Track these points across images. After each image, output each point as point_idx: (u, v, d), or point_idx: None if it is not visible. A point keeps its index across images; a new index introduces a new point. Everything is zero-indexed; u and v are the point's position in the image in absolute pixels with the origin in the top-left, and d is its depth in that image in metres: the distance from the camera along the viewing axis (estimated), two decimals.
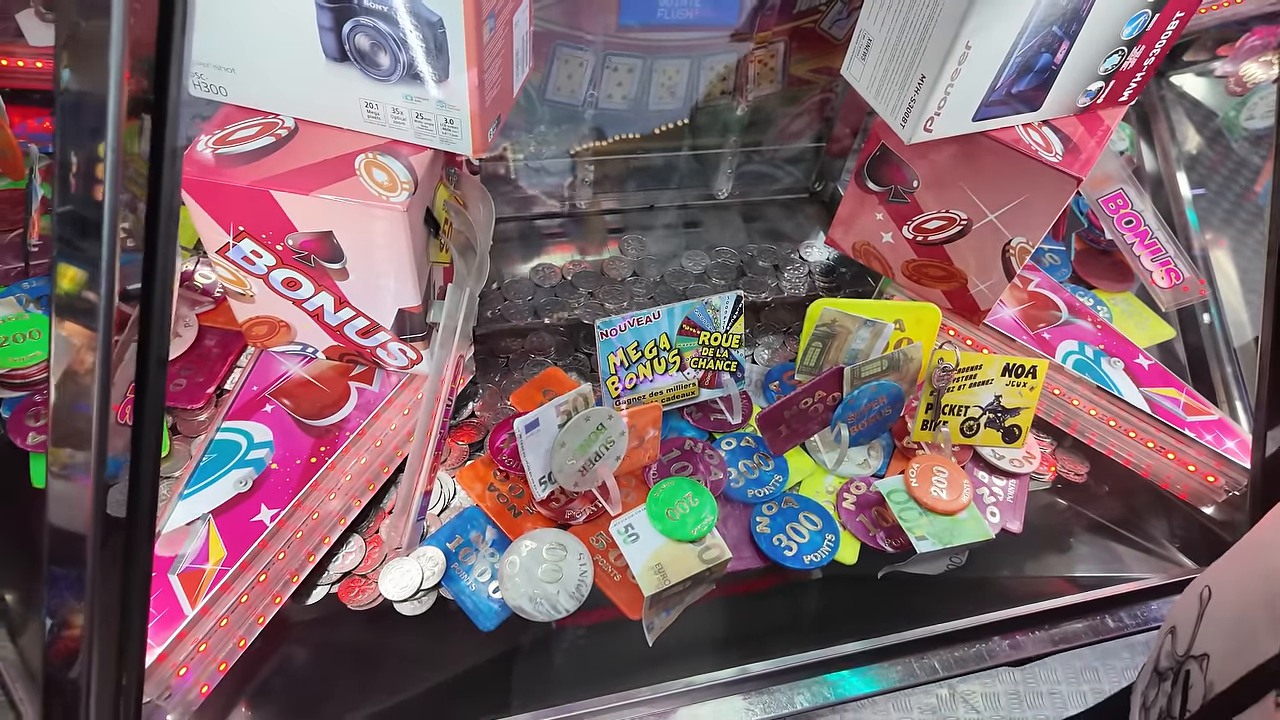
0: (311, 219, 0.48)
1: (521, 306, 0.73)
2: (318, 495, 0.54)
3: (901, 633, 0.57)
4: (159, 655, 0.46)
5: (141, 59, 0.32)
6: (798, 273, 0.79)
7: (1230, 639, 0.40)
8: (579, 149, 0.74)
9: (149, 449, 0.39)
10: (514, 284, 0.75)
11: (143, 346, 0.37)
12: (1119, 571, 0.65)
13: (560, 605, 0.53)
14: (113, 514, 0.38)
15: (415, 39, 0.44)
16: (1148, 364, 0.69)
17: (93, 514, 0.37)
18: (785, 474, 0.63)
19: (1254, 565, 0.41)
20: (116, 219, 0.33)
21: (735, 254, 0.80)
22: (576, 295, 0.75)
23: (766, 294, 0.77)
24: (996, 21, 0.50)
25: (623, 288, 0.76)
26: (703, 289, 0.77)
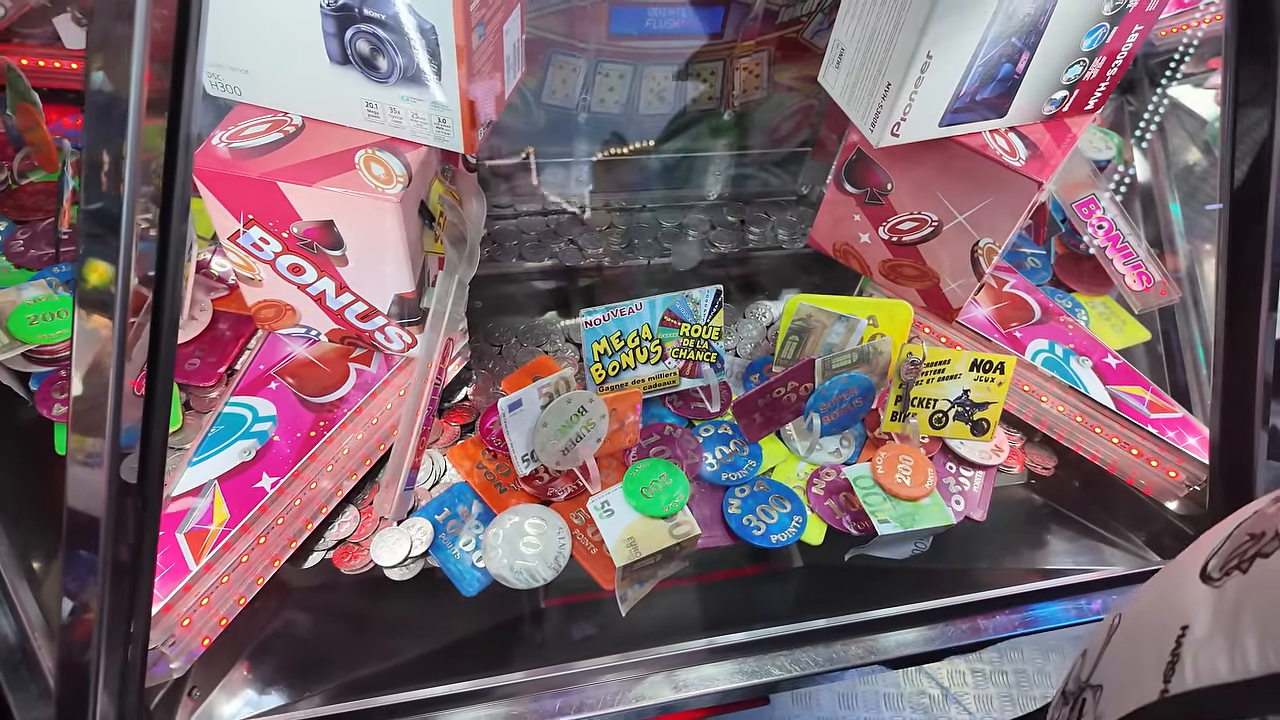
0: (314, 208, 0.52)
1: (509, 250, 0.79)
2: (315, 467, 0.58)
3: (861, 612, 0.60)
4: (164, 605, 0.50)
5: (161, 61, 0.36)
6: (765, 226, 0.85)
7: (1122, 674, 0.39)
8: (573, 151, 0.78)
9: (159, 418, 0.43)
10: (501, 231, 0.81)
11: (155, 323, 0.41)
12: (1083, 563, 0.68)
13: (539, 574, 0.56)
14: (126, 479, 0.42)
15: (410, 44, 0.48)
16: (1115, 363, 0.71)
17: (107, 478, 0.41)
18: (759, 460, 0.66)
19: (1160, 601, 0.39)
20: (135, 208, 0.37)
21: (707, 212, 0.86)
22: (559, 241, 0.80)
23: (734, 245, 0.82)
24: (956, 32, 0.53)
25: (600, 236, 0.81)
26: (674, 236, 0.83)
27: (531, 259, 0.79)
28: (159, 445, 0.43)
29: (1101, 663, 0.43)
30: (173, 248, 0.39)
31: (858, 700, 1.28)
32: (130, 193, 0.36)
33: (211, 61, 0.53)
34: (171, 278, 0.40)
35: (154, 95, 0.36)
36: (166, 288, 0.40)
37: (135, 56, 0.35)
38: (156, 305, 0.40)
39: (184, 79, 0.36)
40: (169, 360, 0.42)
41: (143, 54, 0.35)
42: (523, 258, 0.79)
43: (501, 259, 0.79)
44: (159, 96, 0.36)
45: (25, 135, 0.77)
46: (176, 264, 0.40)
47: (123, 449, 0.42)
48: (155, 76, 0.36)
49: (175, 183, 0.38)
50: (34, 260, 0.71)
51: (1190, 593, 0.36)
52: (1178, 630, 0.35)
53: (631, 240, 0.81)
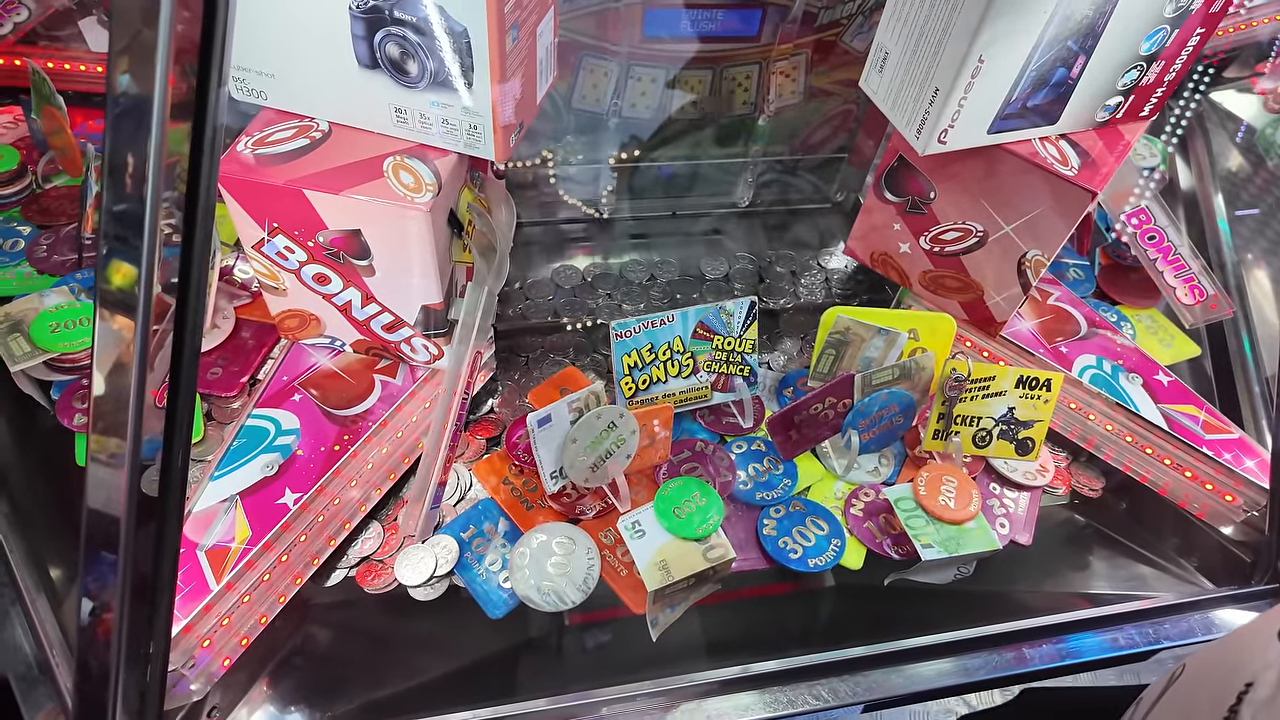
0: (341, 217, 0.51)
1: (542, 306, 0.75)
2: (339, 482, 0.56)
3: (907, 639, 0.58)
4: (185, 626, 0.48)
5: (185, 64, 0.34)
6: (815, 279, 0.80)
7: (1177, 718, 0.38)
8: (603, 156, 0.76)
9: (181, 432, 0.41)
10: (536, 284, 0.77)
11: (178, 335, 0.39)
12: (1132, 589, 0.65)
13: (567, 597, 0.55)
14: (146, 492, 0.41)
15: (442, 48, 0.47)
16: (1167, 380, 0.68)
17: (127, 491, 0.40)
18: (794, 478, 0.63)
19: (1228, 656, 0.38)
20: (158, 214, 0.36)
21: (754, 259, 0.81)
22: (595, 297, 0.76)
23: (785, 299, 0.78)
24: (1010, 35, 0.51)
25: (640, 290, 0.77)
26: (720, 291, 0.78)
27: (567, 315, 0.76)
28: (181, 460, 0.42)
29: (1156, 710, 0.41)
30: (197, 254, 0.38)
31: (882, 715, 1.25)
32: (153, 197, 0.35)
33: (237, 65, 0.51)
34: (195, 285, 0.38)
35: (178, 98, 0.34)
36: (190, 295, 0.39)
37: (159, 58, 0.33)
38: (179, 313, 0.39)
39: (209, 82, 0.35)
40: (191, 371, 0.40)
41: (166, 56, 0.33)
42: (557, 314, 0.76)
43: (533, 315, 0.76)
44: (183, 99, 0.35)
45: (50, 139, 0.76)
46: (200, 271, 0.38)
47: (143, 462, 0.40)
48: (179, 79, 0.34)
49: (200, 187, 0.37)
50: (57, 266, 0.70)
51: (1262, 652, 0.36)
52: (1241, 687, 0.35)
53: (674, 295, 0.78)
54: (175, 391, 0.40)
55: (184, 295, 0.38)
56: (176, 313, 0.39)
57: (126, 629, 0.42)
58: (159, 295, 0.37)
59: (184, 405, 0.41)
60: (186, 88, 0.35)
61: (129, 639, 0.42)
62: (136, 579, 0.42)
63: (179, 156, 0.36)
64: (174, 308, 0.39)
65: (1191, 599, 0.62)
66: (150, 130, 0.34)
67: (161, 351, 0.40)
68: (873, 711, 0.63)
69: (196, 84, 0.35)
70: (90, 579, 0.42)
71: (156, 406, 0.40)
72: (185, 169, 0.36)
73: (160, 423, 0.40)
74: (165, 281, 0.38)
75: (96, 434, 0.39)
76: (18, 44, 0.81)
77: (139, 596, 0.42)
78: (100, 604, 0.42)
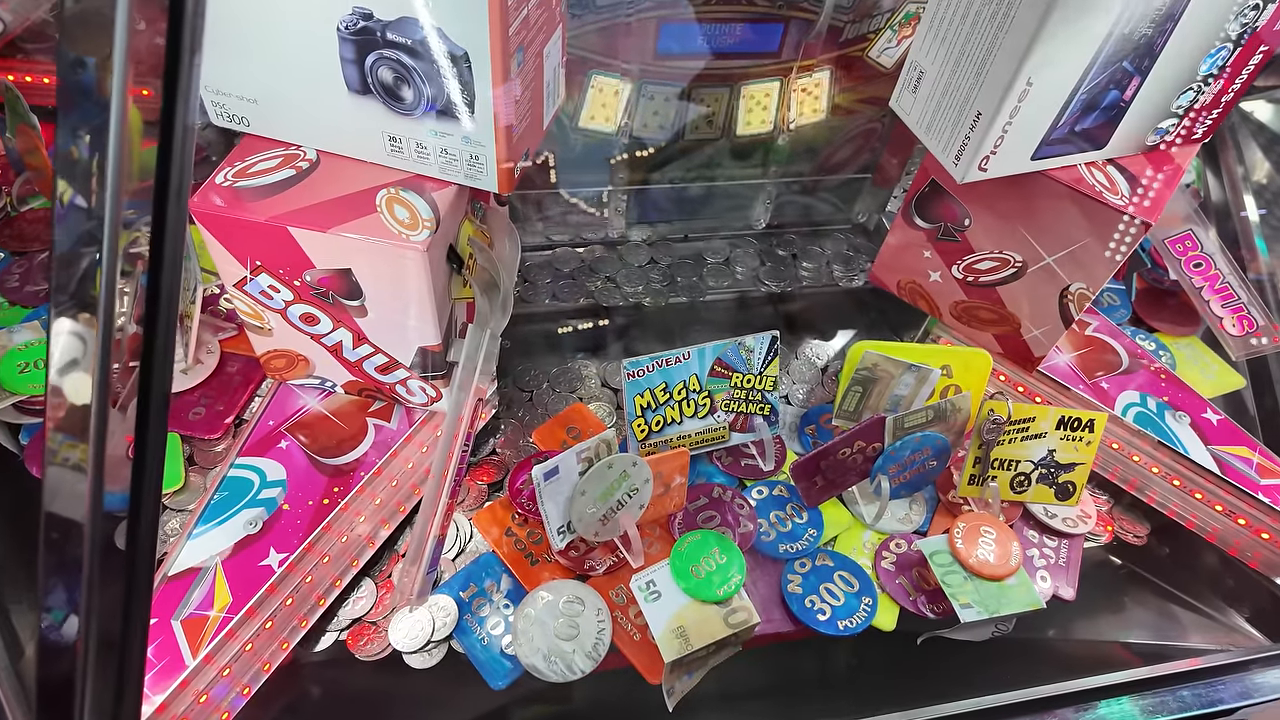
0: (329, 256, 0.46)
1: (540, 290, 0.73)
2: (329, 538, 0.52)
3: (941, 705, 0.53)
4: (158, 706, 0.44)
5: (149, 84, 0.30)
6: (818, 262, 0.78)
7: None
8: (611, 179, 0.72)
9: (150, 485, 0.37)
10: (533, 267, 0.75)
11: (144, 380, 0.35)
12: (1182, 644, 0.60)
13: (576, 666, 0.50)
14: (112, 550, 0.36)
15: (440, 72, 0.42)
16: (1217, 419, 0.64)
17: (89, 551, 0.35)
18: (820, 528, 0.59)
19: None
20: (117, 253, 0.31)
21: (754, 242, 0.79)
22: (594, 279, 0.74)
23: (786, 283, 0.76)
24: (1062, 57, 0.46)
25: (640, 272, 0.74)
26: (719, 273, 0.76)
27: (566, 299, 0.73)
28: (150, 513, 0.37)
29: None
30: (164, 286, 0.33)
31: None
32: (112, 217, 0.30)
33: (217, 89, 0.47)
34: (164, 318, 0.34)
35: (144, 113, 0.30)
36: (159, 330, 0.34)
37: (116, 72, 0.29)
38: (147, 349, 0.34)
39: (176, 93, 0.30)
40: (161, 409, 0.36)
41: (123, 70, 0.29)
42: (556, 297, 0.73)
43: (532, 299, 0.73)
44: (149, 113, 0.30)
45: (25, 159, 0.72)
46: (169, 306, 0.33)
47: (107, 514, 0.36)
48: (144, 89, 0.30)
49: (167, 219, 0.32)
50: (29, 297, 0.66)
51: None
52: None
53: (674, 279, 0.75)
54: (144, 432, 0.36)
55: (151, 331, 0.34)
56: (144, 349, 0.34)
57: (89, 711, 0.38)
58: (131, 334, 0.33)
59: (153, 448, 0.36)
60: (151, 107, 0.30)
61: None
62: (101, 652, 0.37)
63: (145, 181, 0.31)
64: (141, 344, 0.34)
65: (1249, 656, 0.58)
66: (107, 154, 0.30)
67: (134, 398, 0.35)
68: None
69: (163, 101, 0.31)
70: (47, 653, 0.37)
71: (128, 457, 0.36)
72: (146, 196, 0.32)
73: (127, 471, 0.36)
74: (135, 316, 0.33)
75: (51, 476, 0.35)
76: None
77: (104, 673, 0.38)
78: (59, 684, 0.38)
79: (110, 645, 0.38)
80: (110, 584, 0.36)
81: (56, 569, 0.36)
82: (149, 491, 0.36)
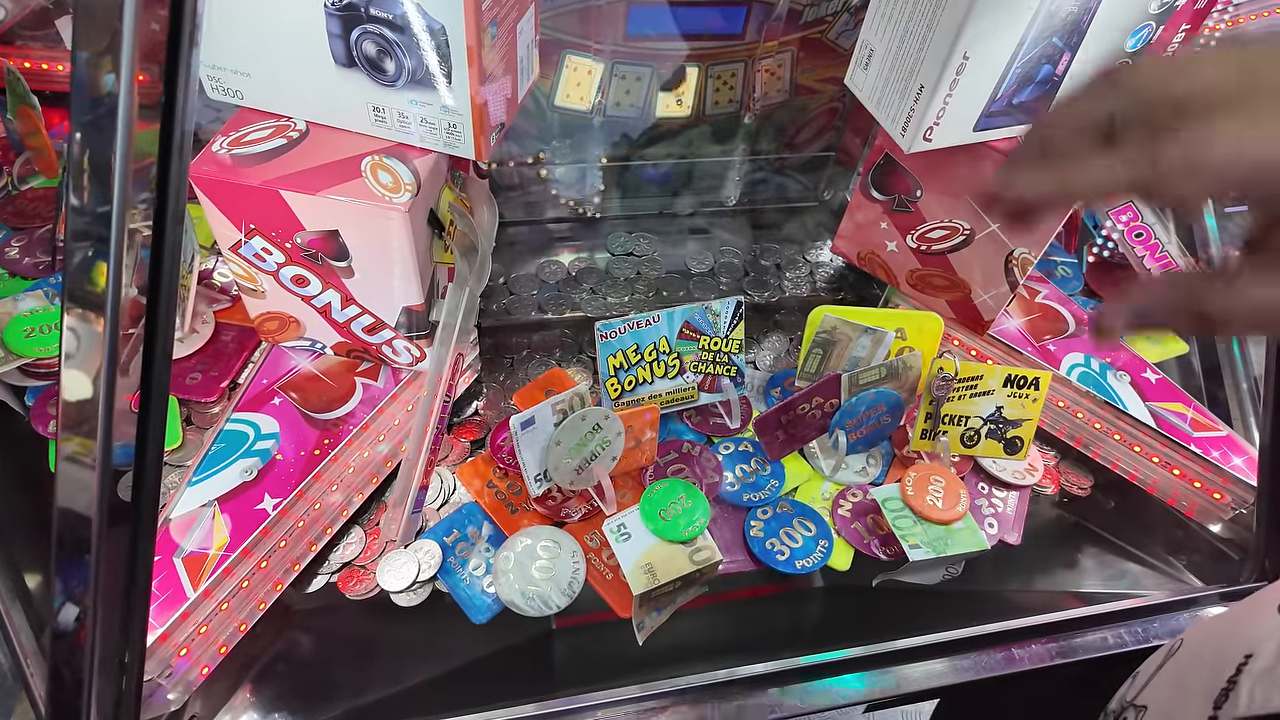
0: (318, 218, 0.50)
1: (527, 301, 0.75)
2: (320, 486, 0.55)
3: (891, 640, 0.57)
4: (161, 635, 0.47)
5: (153, 62, 0.34)
6: (800, 273, 0.80)
7: (1172, 696, 0.39)
8: (589, 156, 0.75)
9: (154, 434, 0.40)
10: (520, 279, 0.76)
11: (149, 338, 0.38)
12: (1121, 588, 0.64)
13: (552, 601, 0.54)
14: (119, 498, 0.40)
15: (419, 46, 0.46)
16: (1155, 378, 0.68)
17: (99, 497, 0.39)
18: (782, 479, 0.63)
19: (1228, 630, 0.39)
20: (125, 217, 0.35)
21: (739, 254, 0.81)
22: (580, 291, 0.76)
23: (770, 293, 0.78)
24: (995, 32, 0.50)
25: (626, 285, 0.77)
26: (706, 286, 0.78)
27: (551, 311, 0.76)
28: (154, 461, 0.41)
29: (1152, 684, 0.42)
30: (167, 254, 0.37)
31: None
32: (120, 196, 0.34)
33: (212, 64, 0.50)
34: (166, 286, 0.37)
35: (146, 98, 0.34)
36: (161, 297, 0.38)
37: (125, 55, 0.32)
38: (151, 315, 0.38)
39: (177, 76, 0.34)
40: (164, 373, 0.39)
41: (132, 53, 0.32)
42: (542, 309, 0.75)
43: (518, 311, 0.76)
44: (151, 99, 0.34)
45: (25, 140, 0.75)
46: (171, 272, 0.37)
47: (117, 467, 0.39)
48: (147, 77, 0.33)
49: (169, 187, 0.36)
50: (30, 269, 0.69)
51: (1262, 624, 0.36)
52: (1240, 659, 0.35)
53: (660, 291, 0.78)
54: (147, 390, 0.40)
55: (155, 296, 0.38)
56: (148, 312, 0.38)
57: (100, 637, 0.41)
58: (132, 299, 0.37)
59: (156, 406, 0.40)
60: (155, 85, 0.34)
61: (103, 647, 0.41)
62: (110, 586, 0.41)
63: (149, 158, 0.35)
64: (145, 309, 0.38)
65: (1181, 597, 0.62)
66: (116, 128, 0.33)
67: (135, 356, 0.39)
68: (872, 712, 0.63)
69: (165, 79, 0.34)
70: (62, 586, 0.41)
71: (130, 411, 0.40)
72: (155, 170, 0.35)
73: (133, 427, 0.40)
74: (138, 284, 0.37)
75: (66, 437, 0.38)
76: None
77: (112, 604, 0.41)
78: (73, 611, 0.41)
79: (118, 581, 0.41)
80: (118, 524, 0.40)
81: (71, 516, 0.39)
82: (153, 438, 0.40)
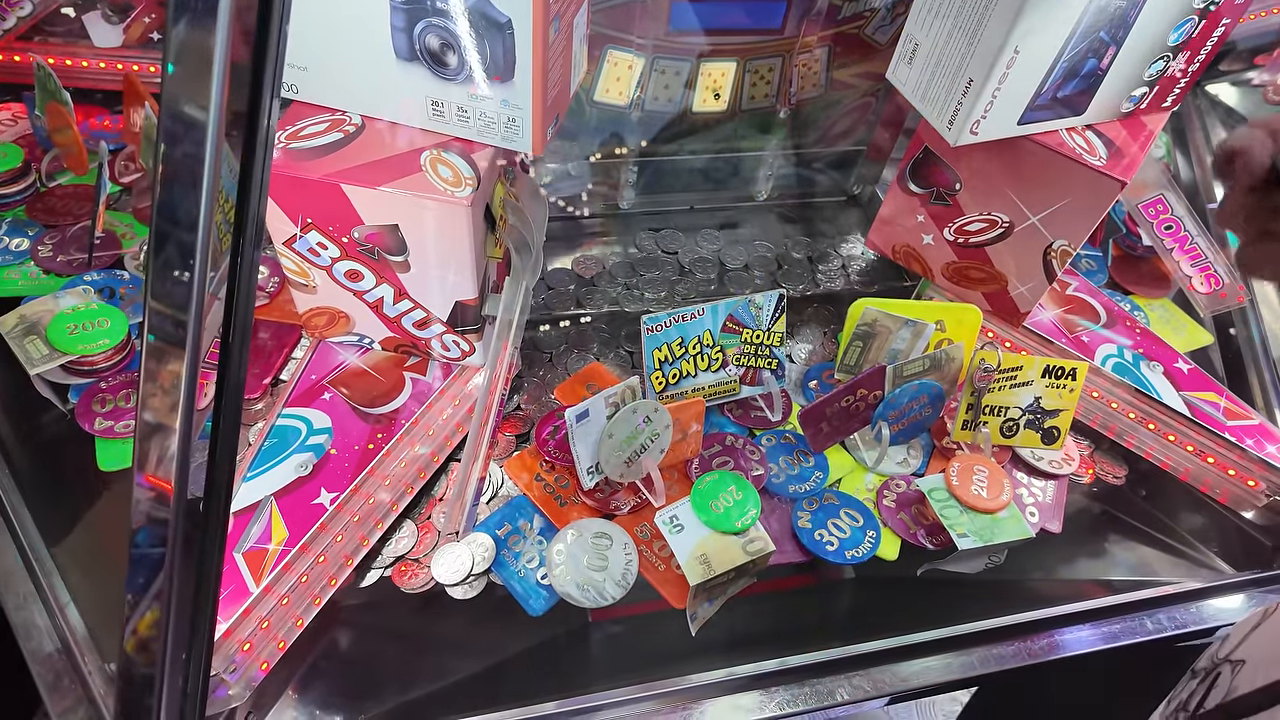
0: (378, 212, 0.50)
1: (564, 295, 0.75)
2: (374, 481, 0.55)
3: (941, 628, 0.58)
4: (225, 630, 0.47)
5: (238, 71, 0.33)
6: (833, 266, 0.81)
7: (1272, 648, 0.40)
8: (623, 150, 0.76)
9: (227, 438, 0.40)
10: (556, 273, 0.77)
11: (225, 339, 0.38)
12: (1157, 575, 0.65)
13: (607, 592, 0.54)
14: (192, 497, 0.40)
15: (483, 39, 0.46)
16: (1187, 368, 0.69)
17: (175, 499, 0.39)
18: (825, 471, 0.64)
19: None
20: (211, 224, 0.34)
21: (772, 247, 0.82)
22: (616, 285, 0.76)
23: (804, 285, 0.79)
24: (1045, 27, 0.51)
25: (663, 280, 0.77)
26: (741, 281, 0.79)
27: (589, 305, 0.76)
28: (226, 465, 0.41)
29: (1249, 640, 0.43)
30: (244, 267, 0.37)
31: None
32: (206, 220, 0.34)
33: None
34: (243, 297, 0.37)
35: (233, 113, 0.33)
36: (238, 308, 0.38)
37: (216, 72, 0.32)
38: (227, 323, 0.38)
39: (262, 94, 0.34)
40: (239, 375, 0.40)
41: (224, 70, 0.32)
42: (580, 304, 0.75)
43: (556, 305, 0.75)
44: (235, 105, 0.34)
45: (54, 136, 0.74)
46: (248, 285, 0.37)
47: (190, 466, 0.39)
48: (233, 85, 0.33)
49: (250, 203, 0.36)
50: (63, 266, 0.69)
51: None
52: None
53: (695, 286, 0.78)
54: (221, 396, 0.40)
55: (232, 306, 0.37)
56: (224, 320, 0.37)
57: (171, 640, 0.41)
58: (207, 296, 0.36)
59: (229, 417, 0.40)
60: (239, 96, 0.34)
61: (174, 646, 0.42)
62: (182, 587, 0.41)
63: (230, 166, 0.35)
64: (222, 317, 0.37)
65: (1215, 584, 0.63)
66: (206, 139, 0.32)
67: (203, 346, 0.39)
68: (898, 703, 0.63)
69: (249, 98, 0.34)
70: (135, 588, 0.41)
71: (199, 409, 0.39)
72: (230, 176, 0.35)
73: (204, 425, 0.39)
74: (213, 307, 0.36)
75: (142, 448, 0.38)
76: (19, 39, 0.79)
77: (184, 603, 0.42)
78: (145, 613, 0.41)
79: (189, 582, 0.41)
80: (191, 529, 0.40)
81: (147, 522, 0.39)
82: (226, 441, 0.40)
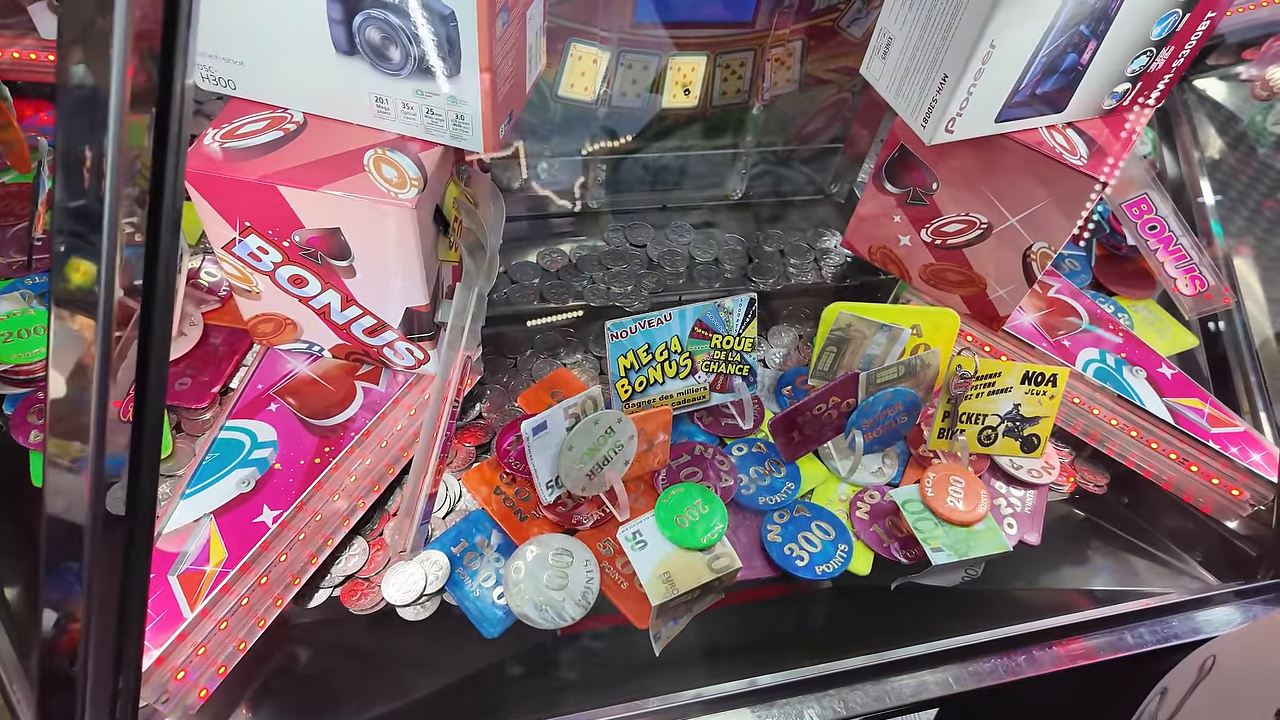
0: (319, 215, 0.47)
1: (528, 289, 0.73)
2: (321, 496, 0.53)
3: (914, 645, 0.56)
4: (157, 658, 0.45)
5: (146, 50, 0.31)
6: (805, 260, 0.79)
7: (1219, 714, 0.38)
8: (591, 148, 0.73)
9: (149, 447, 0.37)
10: (520, 266, 0.74)
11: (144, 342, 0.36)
12: (1139, 586, 0.64)
13: (566, 613, 0.52)
14: (112, 512, 0.37)
15: (427, 32, 0.43)
16: (1171, 374, 0.67)
17: (90, 512, 0.36)
18: (797, 481, 0.61)
19: (1265, 653, 0.38)
20: (118, 213, 0.32)
21: (743, 241, 0.80)
22: (582, 280, 0.74)
23: (775, 280, 0.77)
24: (1022, 20, 0.48)
25: (629, 274, 0.75)
26: (710, 275, 0.77)
27: (554, 299, 0.74)
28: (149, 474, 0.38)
29: (1189, 702, 0.40)
30: (163, 254, 0.34)
31: None
32: (112, 192, 0.31)
33: (203, 52, 0.47)
34: (162, 287, 0.35)
35: (138, 89, 0.31)
36: (156, 298, 0.35)
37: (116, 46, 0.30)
38: (145, 318, 0.35)
39: (174, 64, 0.31)
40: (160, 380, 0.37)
41: (124, 42, 0.30)
42: (544, 298, 0.73)
43: (519, 300, 0.74)
44: (144, 90, 0.31)
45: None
46: (168, 273, 0.34)
47: (108, 479, 0.36)
48: (139, 69, 0.31)
49: (165, 182, 0.33)
50: (4, 269, 0.65)
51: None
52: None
53: (663, 280, 0.76)
54: (142, 400, 0.37)
55: (150, 297, 0.35)
56: (141, 317, 0.35)
57: (92, 665, 0.39)
58: (121, 299, 0.34)
59: (152, 415, 0.37)
60: (148, 77, 0.31)
61: (95, 677, 0.39)
62: (102, 608, 0.38)
63: (140, 150, 0.32)
64: (138, 312, 0.35)
65: (1198, 595, 0.61)
66: (107, 121, 0.30)
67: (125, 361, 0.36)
68: None
69: (160, 71, 0.31)
70: (51, 609, 0.38)
71: (120, 420, 0.37)
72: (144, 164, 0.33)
73: (125, 437, 0.37)
74: (128, 284, 0.34)
75: (55, 448, 0.35)
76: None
77: (105, 628, 0.39)
78: (62, 637, 0.38)
79: (111, 603, 0.39)
80: (111, 542, 0.37)
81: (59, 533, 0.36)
82: (148, 451, 0.37)
